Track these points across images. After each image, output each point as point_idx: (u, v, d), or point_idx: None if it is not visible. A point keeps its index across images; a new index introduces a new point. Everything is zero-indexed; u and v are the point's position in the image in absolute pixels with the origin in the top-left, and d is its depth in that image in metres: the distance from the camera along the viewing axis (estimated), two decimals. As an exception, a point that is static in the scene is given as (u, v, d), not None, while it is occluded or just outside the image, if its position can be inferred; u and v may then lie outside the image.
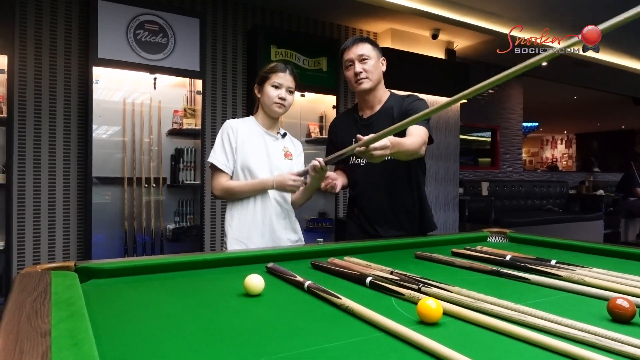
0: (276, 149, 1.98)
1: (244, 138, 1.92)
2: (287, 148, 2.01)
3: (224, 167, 1.88)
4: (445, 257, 1.52)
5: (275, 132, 2.02)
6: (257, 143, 1.94)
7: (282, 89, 1.91)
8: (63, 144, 3.52)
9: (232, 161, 1.90)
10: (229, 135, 1.91)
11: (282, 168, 1.94)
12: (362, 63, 1.96)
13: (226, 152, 1.89)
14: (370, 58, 1.96)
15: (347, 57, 2.01)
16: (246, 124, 1.97)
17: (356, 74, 1.97)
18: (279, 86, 1.91)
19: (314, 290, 1.07)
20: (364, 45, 1.96)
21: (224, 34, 4.22)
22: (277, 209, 1.94)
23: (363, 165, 2.02)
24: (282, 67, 1.93)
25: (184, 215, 3.83)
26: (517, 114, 7.31)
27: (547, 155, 16.70)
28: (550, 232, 5.98)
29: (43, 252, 3.45)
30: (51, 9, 3.47)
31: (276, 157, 1.95)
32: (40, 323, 0.77)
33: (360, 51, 1.95)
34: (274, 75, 1.91)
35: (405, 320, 0.89)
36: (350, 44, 1.99)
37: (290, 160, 2.00)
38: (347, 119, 2.15)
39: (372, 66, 1.96)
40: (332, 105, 4.56)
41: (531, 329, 0.83)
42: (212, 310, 0.99)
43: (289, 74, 1.93)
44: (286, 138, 2.06)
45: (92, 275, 1.25)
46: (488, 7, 4.62)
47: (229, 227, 1.93)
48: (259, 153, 1.92)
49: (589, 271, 1.27)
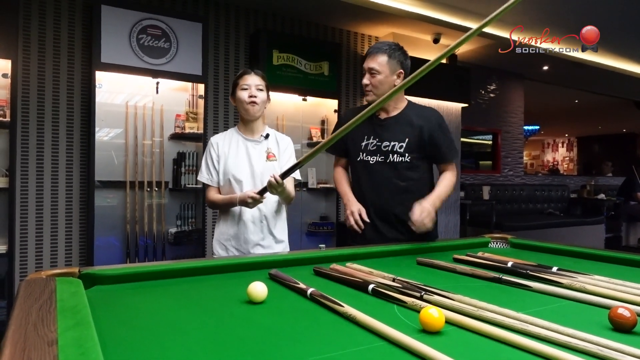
0: (258, 152, 2.05)
1: (225, 150, 2.04)
2: (270, 149, 2.07)
3: (208, 182, 2.05)
4: (447, 264, 1.52)
5: (257, 135, 2.08)
6: (238, 151, 2.03)
7: (251, 88, 1.98)
8: (66, 148, 3.54)
9: (216, 174, 2.04)
10: (210, 151, 2.06)
11: (264, 170, 2.00)
12: (371, 76, 2.00)
13: (209, 167, 2.05)
14: (379, 73, 1.98)
15: (363, 64, 2.06)
16: (228, 136, 2.10)
17: (364, 86, 2.04)
18: (247, 87, 1.99)
19: (317, 298, 1.08)
20: (378, 58, 1.99)
21: (226, 38, 4.23)
22: (254, 213, 2.01)
23: (373, 163, 2.05)
24: (248, 70, 2.03)
25: (185, 219, 3.84)
26: (519, 117, 7.32)
27: (548, 158, 16.69)
28: (551, 236, 5.97)
29: (45, 256, 3.46)
30: (54, 13, 3.49)
31: (257, 161, 2.03)
32: (47, 332, 0.77)
33: (372, 64, 1.99)
34: (241, 79, 2.01)
35: (408, 329, 0.90)
36: (370, 52, 2.03)
37: (274, 161, 2.05)
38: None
39: (379, 81, 1.99)
40: (334, 109, 4.57)
41: (533, 338, 0.83)
42: (216, 317, 0.99)
43: (255, 75, 2.01)
44: (270, 139, 2.10)
45: (96, 281, 1.26)
46: (489, 12, 4.60)
47: (216, 229, 2.10)
48: (240, 161, 2.02)
49: (590, 278, 1.27)
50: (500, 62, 6.37)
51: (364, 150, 2.08)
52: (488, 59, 6.17)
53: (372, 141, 2.06)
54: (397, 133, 2.03)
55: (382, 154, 2.04)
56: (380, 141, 2.04)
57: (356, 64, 5.01)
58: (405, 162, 2.02)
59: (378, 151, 2.05)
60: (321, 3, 4.17)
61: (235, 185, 2.00)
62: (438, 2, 4.40)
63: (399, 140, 2.02)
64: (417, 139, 2.01)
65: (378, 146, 2.04)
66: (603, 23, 2.01)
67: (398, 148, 2.02)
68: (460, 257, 1.67)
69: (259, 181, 1.98)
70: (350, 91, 4.96)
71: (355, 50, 5.02)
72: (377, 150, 2.05)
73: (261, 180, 1.98)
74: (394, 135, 2.03)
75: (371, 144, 2.06)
